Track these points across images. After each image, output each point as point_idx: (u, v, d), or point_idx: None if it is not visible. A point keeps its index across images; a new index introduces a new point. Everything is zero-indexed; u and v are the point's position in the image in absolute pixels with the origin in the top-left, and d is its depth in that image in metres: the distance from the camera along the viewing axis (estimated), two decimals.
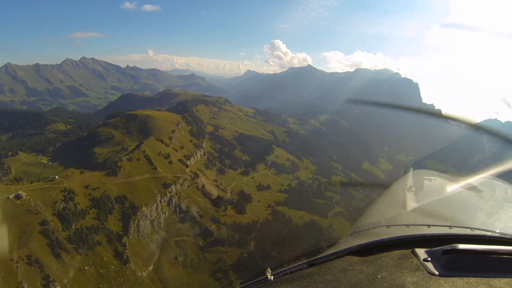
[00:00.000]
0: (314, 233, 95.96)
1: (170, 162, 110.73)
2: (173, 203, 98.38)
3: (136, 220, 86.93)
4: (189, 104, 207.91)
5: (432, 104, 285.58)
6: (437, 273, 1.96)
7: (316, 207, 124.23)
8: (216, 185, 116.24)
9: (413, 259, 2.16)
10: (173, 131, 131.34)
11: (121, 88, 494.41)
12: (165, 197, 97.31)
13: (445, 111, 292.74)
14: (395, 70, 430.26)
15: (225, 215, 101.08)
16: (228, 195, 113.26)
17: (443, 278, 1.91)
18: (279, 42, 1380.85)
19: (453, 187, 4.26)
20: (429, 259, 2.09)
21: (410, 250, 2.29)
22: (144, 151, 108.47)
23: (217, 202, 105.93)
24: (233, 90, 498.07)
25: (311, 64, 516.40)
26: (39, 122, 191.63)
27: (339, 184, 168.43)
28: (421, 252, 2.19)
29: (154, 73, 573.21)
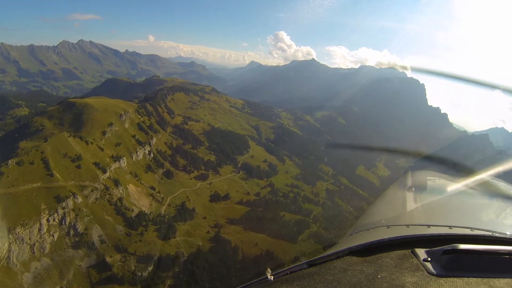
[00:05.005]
0: (263, 271, 70.09)
1: (78, 167, 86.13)
2: (67, 223, 74.33)
3: (7, 244, 62.87)
4: (165, 92, 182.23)
5: (438, 107, 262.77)
6: (437, 273, 1.95)
7: (285, 226, 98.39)
8: (151, 195, 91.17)
9: (413, 259, 2.16)
10: (110, 124, 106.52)
11: (117, 72, 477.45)
12: (56, 214, 73.36)
13: (451, 116, 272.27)
14: (401, 69, 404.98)
15: (140, 240, 76.12)
16: (162, 210, 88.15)
17: (443, 278, 1.90)
18: (283, 34, 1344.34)
19: (453, 187, 4.31)
20: (429, 259, 2.08)
21: (410, 250, 2.28)
22: (42, 152, 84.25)
23: (133, 222, 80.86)
24: (233, 81, 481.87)
25: (315, 59, 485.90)
26: (2, 107, 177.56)
27: None
28: (421, 252, 2.18)
29: (153, 59, 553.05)
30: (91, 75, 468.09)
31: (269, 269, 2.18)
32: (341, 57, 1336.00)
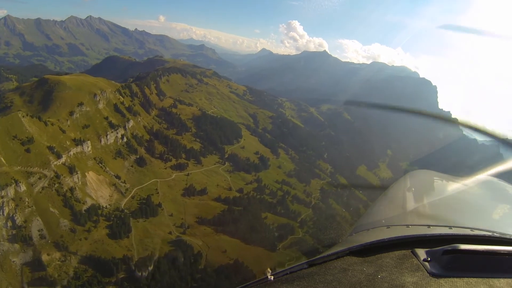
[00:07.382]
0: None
1: (28, 150, 75.51)
2: (5, 213, 64.61)
3: None
4: (159, 72, 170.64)
5: (449, 111, 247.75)
6: (437, 273, 1.96)
7: (265, 230, 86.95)
8: (114, 185, 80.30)
9: (413, 259, 2.16)
10: (80, 104, 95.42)
11: (124, 51, 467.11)
12: None
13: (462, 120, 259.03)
14: (413, 69, 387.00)
15: (86, 238, 65.83)
16: (123, 203, 77.28)
17: (443, 278, 1.91)
18: (296, 23, 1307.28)
19: (452, 187, 4.34)
20: (429, 259, 2.09)
21: (410, 250, 2.29)
22: None
23: (81, 216, 69.90)
24: (242, 67, 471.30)
25: (327, 51, 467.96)
26: None
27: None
28: (421, 252, 2.19)
29: (162, 39, 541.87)
30: (97, 52, 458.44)
31: (269, 269, 2.14)
32: (353, 51, 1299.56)
